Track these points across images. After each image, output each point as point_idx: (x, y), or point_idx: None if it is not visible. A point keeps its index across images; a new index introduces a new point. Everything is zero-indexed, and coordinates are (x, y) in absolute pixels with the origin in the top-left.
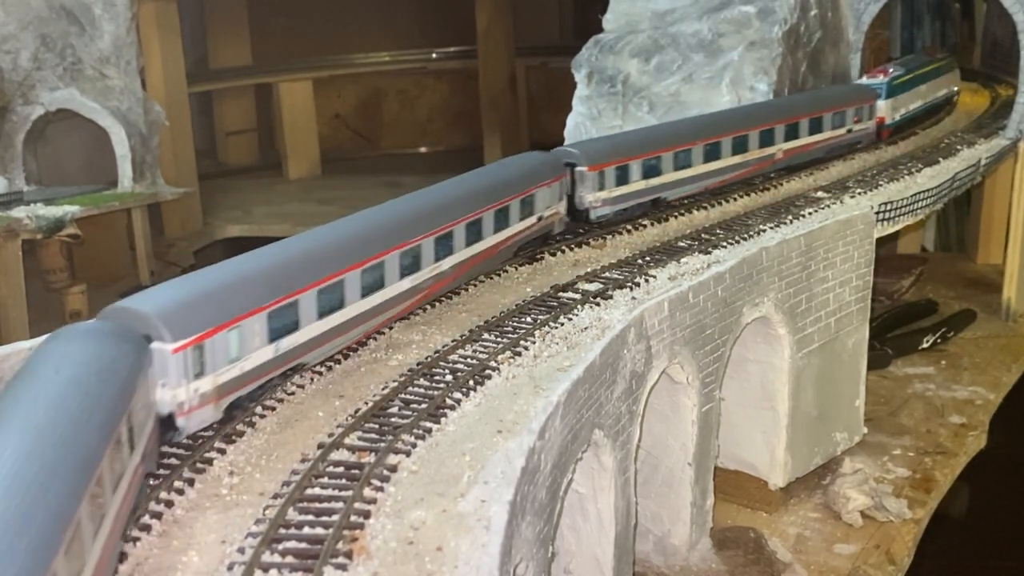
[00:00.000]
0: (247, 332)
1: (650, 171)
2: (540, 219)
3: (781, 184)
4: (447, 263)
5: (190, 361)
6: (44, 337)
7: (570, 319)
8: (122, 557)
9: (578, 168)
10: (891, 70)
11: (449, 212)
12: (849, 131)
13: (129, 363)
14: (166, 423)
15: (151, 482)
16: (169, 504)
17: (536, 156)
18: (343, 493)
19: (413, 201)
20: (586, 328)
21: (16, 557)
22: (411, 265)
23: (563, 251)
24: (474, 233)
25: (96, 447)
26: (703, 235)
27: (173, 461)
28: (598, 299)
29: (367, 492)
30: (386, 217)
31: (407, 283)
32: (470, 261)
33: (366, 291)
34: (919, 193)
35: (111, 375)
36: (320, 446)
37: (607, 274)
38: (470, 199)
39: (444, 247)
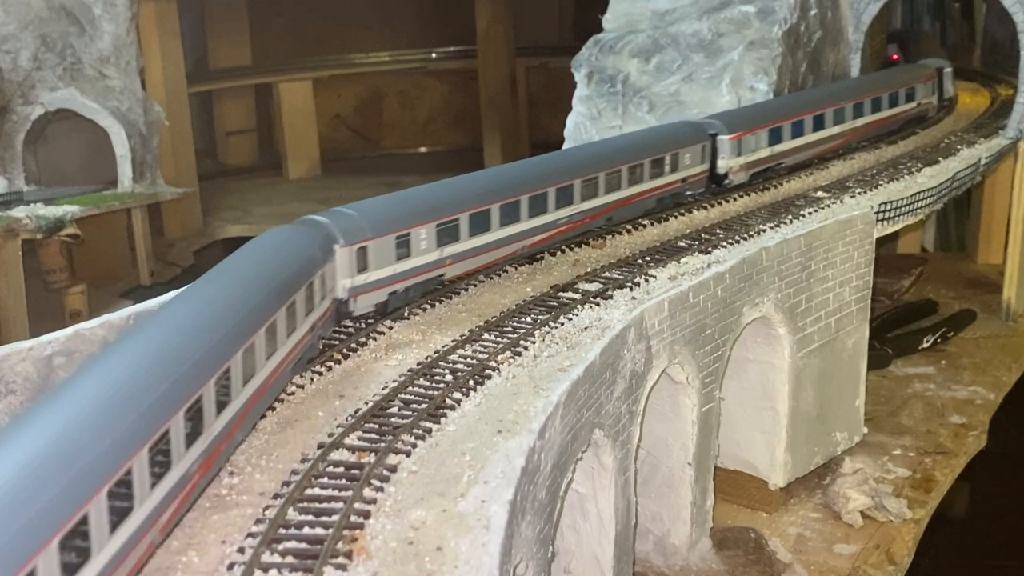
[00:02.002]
0: (759, 137)
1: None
2: (919, 104)
3: (781, 184)
4: (859, 122)
5: (735, 146)
6: None
7: (570, 319)
8: None
9: (946, 69)
10: None
11: (854, 95)
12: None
13: (701, 141)
14: (721, 179)
15: None
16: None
17: (917, 65)
18: (343, 493)
19: (845, 83)
20: (586, 328)
21: None
22: (840, 119)
23: (563, 251)
24: (874, 107)
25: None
26: (703, 235)
27: None
28: (598, 299)
29: (367, 492)
30: (831, 89)
31: (836, 129)
32: (867, 126)
33: (821, 127)
34: (919, 193)
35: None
36: (320, 446)
37: (607, 274)
38: (864, 90)
39: (857, 113)
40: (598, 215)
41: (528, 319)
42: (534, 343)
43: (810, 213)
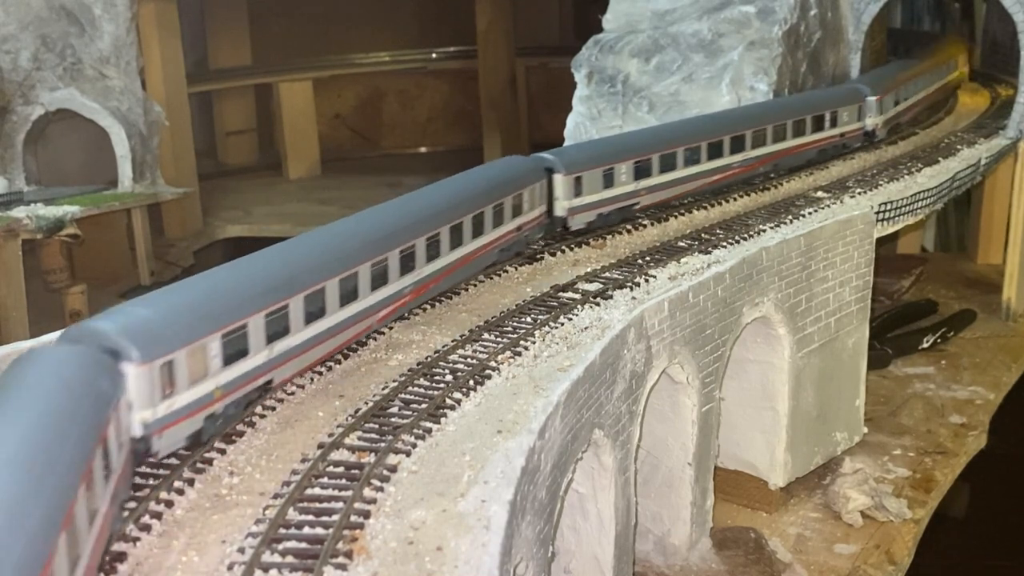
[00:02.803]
0: (889, 99)
1: None
2: (960, 73)
3: (781, 184)
4: (932, 88)
5: (879, 106)
6: None
7: (570, 319)
8: (122, 557)
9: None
10: None
11: (930, 68)
12: None
13: (858, 102)
14: (870, 134)
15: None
16: (169, 504)
17: (955, 41)
18: (343, 493)
19: (917, 57)
20: (586, 328)
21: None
22: (919, 89)
23: (563, 251)
24: (937, 78)
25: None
26: (703, 235)
27: (173, 461)
28: (598, 299)
29: (367, 492)
30: (915, 61)
31: (922, 94)
32: (936, 92)
33: (914, 94)
34: (919, 193)
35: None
36: (320, 446)
37: (607, 274)
38: (934, 63)
39: (928, 83)
40: (766, 161)
41: (528, 319)
42: (534, 343)
43: (810, 213)
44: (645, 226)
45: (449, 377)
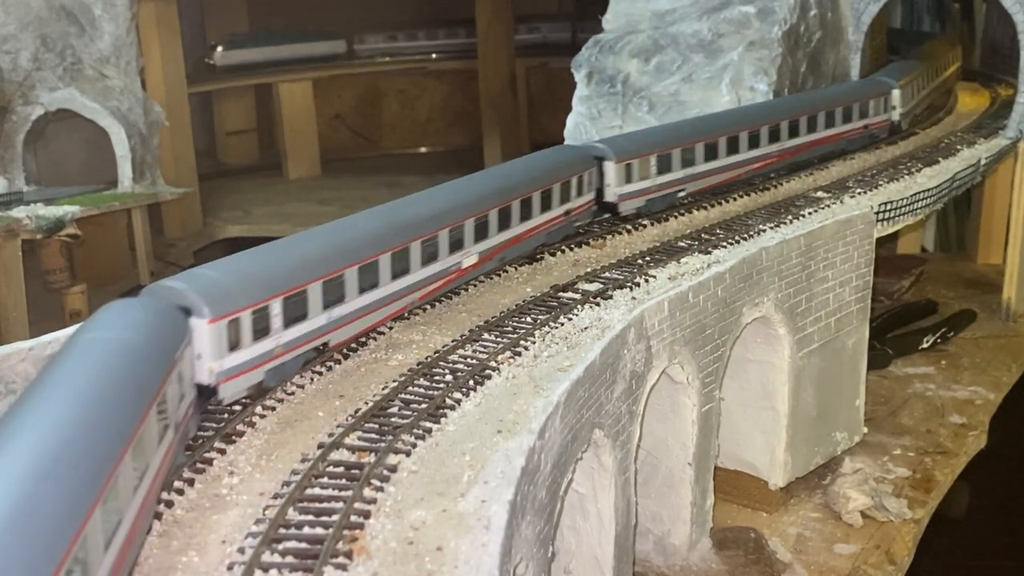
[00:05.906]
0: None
1: None
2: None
3: (781, 184)
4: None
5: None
6: None
7: (570, 319)
8: None
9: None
10: None
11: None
12: None
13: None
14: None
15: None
16: (169, 504)
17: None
18: (343, 493)
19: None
20: (586, 328)
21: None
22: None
23: (563, 251)
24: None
25: None
26: (703, 235)
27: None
28: (598, 299)
29: (367, 492)
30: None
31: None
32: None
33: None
34: (919, 193)
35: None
36: (320, 446)
37: (607, 274)
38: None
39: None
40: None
41: (528, 319)
42: (534, 343)
43: (810, 213)
44: (645, 226)
45: (449, 377)
